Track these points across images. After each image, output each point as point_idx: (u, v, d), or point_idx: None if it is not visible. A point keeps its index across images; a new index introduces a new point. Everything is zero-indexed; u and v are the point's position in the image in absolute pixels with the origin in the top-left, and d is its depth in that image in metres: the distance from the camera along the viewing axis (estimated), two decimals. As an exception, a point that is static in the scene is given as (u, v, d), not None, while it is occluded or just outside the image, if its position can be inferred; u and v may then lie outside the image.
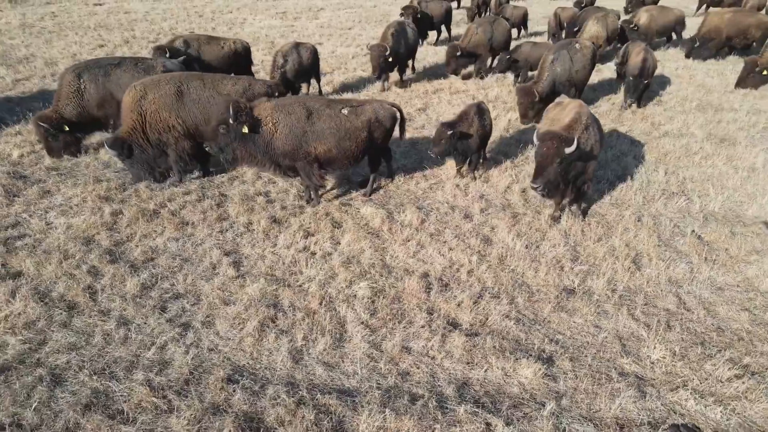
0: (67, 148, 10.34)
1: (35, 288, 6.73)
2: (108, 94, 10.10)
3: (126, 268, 7.15)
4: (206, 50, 13.25)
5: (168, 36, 22.45)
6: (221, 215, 8.51)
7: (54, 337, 5.99)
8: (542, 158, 7.12)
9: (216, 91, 9.32)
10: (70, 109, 9.98)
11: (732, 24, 19.05)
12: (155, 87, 9.03)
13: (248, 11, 30.30)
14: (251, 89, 9.61)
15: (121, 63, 10.36)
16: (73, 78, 9.93)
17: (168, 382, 5.44)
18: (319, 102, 8.36)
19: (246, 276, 7.09)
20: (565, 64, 12.57)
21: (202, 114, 9.21)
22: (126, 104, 8.98)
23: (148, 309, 6.46)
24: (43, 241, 7.74)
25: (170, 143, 9.19)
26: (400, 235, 8.05)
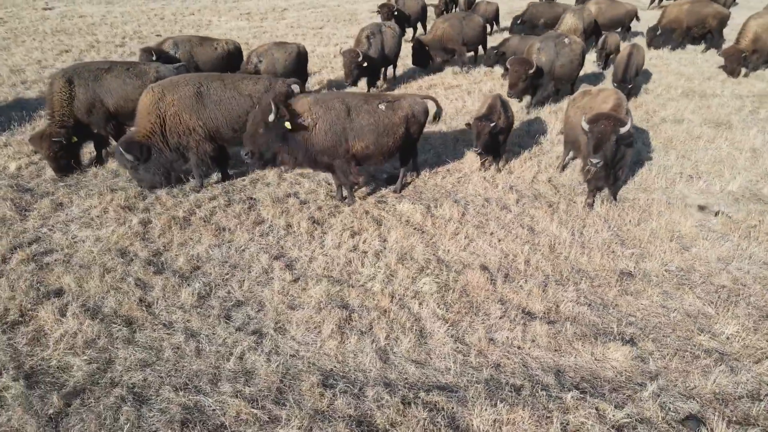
0: (73, 161, 9.67)
1: (83, 305, 6.32)
2: (97, 100, 9.54)
3: (175, 279, 6.81)
4: (199, 52, 12.76)
5: (134, 39, 21.64)
6: (256, 219, 8.23)
7: (120, 355, 5.63)
8: (600, 135, 7.23)
9: (237, 91, 9.01)
10: (66, 119, 9.38)
11: (691, 14, 19.92)
12: (174, 88, 8.66)
13: (210, 13, 29.56)
14: (272, 88, 9.32)
15: (111, 68, 9.80)
16: (65, 84, 9.33)
17: (259, 392, 5.21)
18: (356, 98, 8.22)
19: (303, 279, 6.88)
20: (550, 55, 12.63)
21: (223, 116, 8.88)
22: (143, 106, 8.57)
23: (213, 319, 6.18)
24: (74, 256, 7.29)
25: (191, 147, 8.82)
26: (445, 228, 8.00)
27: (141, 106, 8.61)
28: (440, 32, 16.23)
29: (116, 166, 9.85)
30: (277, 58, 12.82)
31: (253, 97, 9.07)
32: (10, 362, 5.48)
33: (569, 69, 13.04)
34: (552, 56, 12.59)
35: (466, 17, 16.97)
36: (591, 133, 7.33)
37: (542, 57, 12.46)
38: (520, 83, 11.90)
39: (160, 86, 8.66)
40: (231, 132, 9.02)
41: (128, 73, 9.87)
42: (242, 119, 8.97)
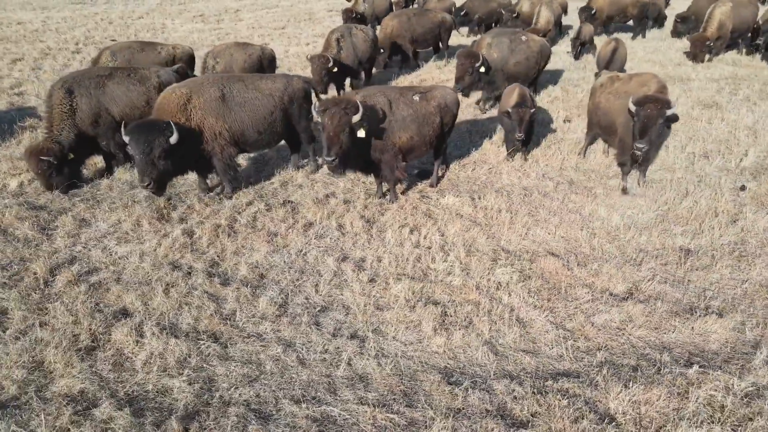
0: (68, 180, 8.79)
1: (158, 323, 5.88)
2: (103, 109, 8.92)
3: (247, 289, 6.46)
4: (141, 59, 11.46)
5: (89, 45, 20.49)
6: (305, 222, 7.94)
7: (220, 372, 5.27)
8: (647, 119, 7.40)
9: (258, 91, 8.66)
10: (67, 133, 8.63)
11: (613, 4, 20.76)
12: (199, 90, 8.23)
13: (160, 16, 28.45)
14: (291, 86, 9.02)
15: (112, 74, 9.20)
16: (65, 95, 8.64)
17: (383, 396, 5.01)
18: (391, 90, 8.14)
19: (380, 278, 6.70)
20: (503, 52, 12.06)
21: (249, 118, 8.51)
22: (166, 108, 8.04)
23: (303, 326, 5.89)
24: (123, 273, 6.79)
25: (216, 152, 8.38)
26: (498, 219, 8.00)
27: (163, 108, 8.07)
28: (389, 30, 16.02)
29: (131, 176, 9.25)
30: (236, 58, 12.25)
31: (274, 96, 8.74)
32: (100, 391, 5.03)
33: (525, 67, 12.34)
34: (505, 53, 12.01)
35: (417, 14, 16.67)
36: (638, 116, 7.50)
37: (494, 53, 11.91)
38: (466, 77, 11.29)
39: (186, 88, 8.20)
40: (256, 135, 8.67)
41: (131, 79, 9.32)
42: (266, 121, 8.62)
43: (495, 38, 12.15)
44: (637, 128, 7.50)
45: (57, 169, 8.52)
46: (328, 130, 7.15)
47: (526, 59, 12.36)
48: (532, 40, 12.55)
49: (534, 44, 12.56)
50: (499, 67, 12.02)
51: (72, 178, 8.87)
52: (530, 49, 12.43)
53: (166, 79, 9.67)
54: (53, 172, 8.51)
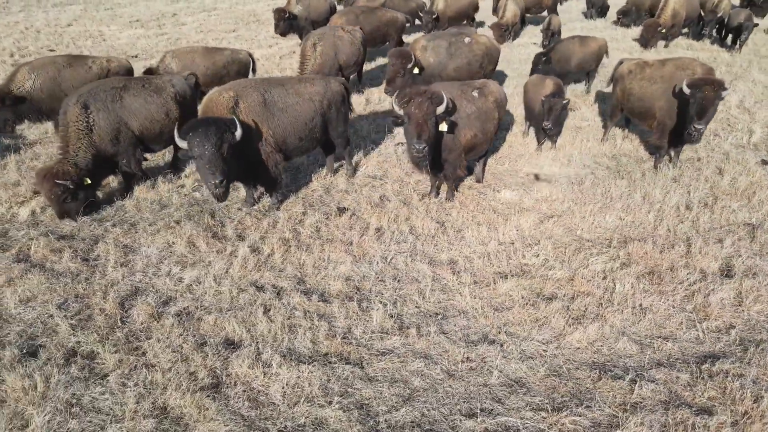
0: (82, 206, 7.86)
1: (276, 350, 5.39)
2: (122, 124, 8.06)
3: (352, 304, 6.07)
4: (69, 75, 9.90)
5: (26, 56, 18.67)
6: (374, 227, 7.58)
7: (368, 394, 4.90)
8: (705, 101, 7.60)
9: (298, 96, 8.15)
10: (84, 153, 7.73)
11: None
12: (245, 94, 7.64)
13: (91, 22, 26.48)
14: (330, 89, 8.56)
15: (127, 85, 8.30)
16: (81, 111, 7.72)
17: (552, 399, 4.83)
18: (452, 86, 7.89)
19: (481, 279, 6.49)
20: (440, 55, 11.01)
21: (291, 123, 7.99)
22: (215, 111, 7.37)
23: (432, 336, 5.59)
24: (204, 300, 6.18)
25: (261, 160, 7.84)
26: (562, 208, 7.99)
27: (211, 110, 7.40)
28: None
29: (155, 194, 8.47)
30: (198, 64, 11.47)
31: (314, 100, 8.26)
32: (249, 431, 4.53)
33: (467, 72, 11.13)
34: (443, 58, 10.98)
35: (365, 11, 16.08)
36: (695, 98, 7.70)
37: (430, 58, 10.92)
38: (397, 79, 10.24)
39: (232, 91, 7.58)
40: (297, 141, 8.16)
41: (147, 90, 8.44)
42: (307, 126, 8.16)
43: (432, 41, 11.01)
44: (695, 110, 7.70)
45: (72, 194, 7.63)
46: (416, 118, 6.85)
47: (468, 64, 11.15)
48: (477, 43, 11.35)
49: (478, 47, 11.33)
50: (436, 72, 10.97)
51: (86, 204, 7.95)
52: (473, 53, 11.23)
53: (181, 88, 8.92)
54: (68, 197, 7.62)
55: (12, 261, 6.83)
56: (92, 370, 5.20)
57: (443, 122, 7.04)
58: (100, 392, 4.90)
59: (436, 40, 11.15)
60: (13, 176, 9.10)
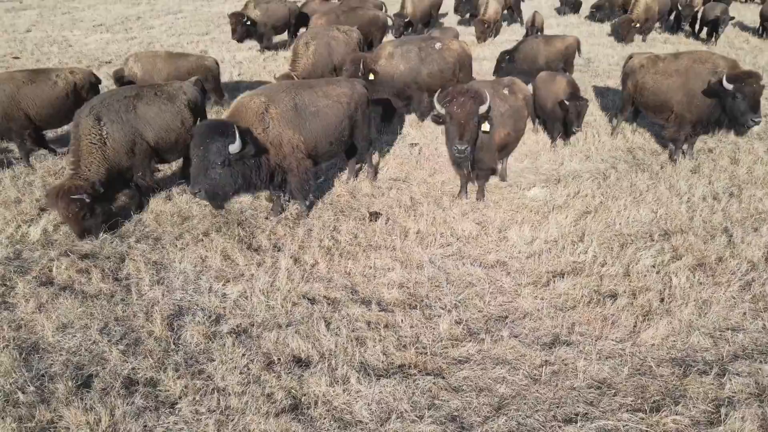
0: (102, 222, 7.39)
1: (349, 364, 5.15)
2: (137, 135, 7.58)
3: (414, 312, 5.89)
4: (29, 93, 8.98)
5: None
6: (414, 232, 7.40)
7: (456, 406, 4.73)
8: (757, 94, 7.66)
9: (327, 98, 7.86)
10: (97, 167, 7.23)
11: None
12: (276, 98, 7.33)
13: (52, 27, 25.31)
14: (356, 91, 8.34)
15: (139, 93, 7.83)
16: (93, 123, 7.24)
17: (645, 400, 4.77)
18: (486, 85, 7.77)
19: (537, 280, 6.41)
20: (411, 62, 10.30)
21: (322, 128, 7.68)
22: (244, 117, 7.00)
23: (505, 341, 5.46)
24: (255, 316, 5.89)
25: (292, 167, 7.43)
26: (593, 202, 7.99)
27: (240, 115, 7.04)
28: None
29: (172, 207, 8.06)
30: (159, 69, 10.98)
31: (342, 102, 8.02)
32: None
33: (439, 79, 10.40)
34: (415, 64, 10.27)
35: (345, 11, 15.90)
36: (742, 92, 7.72)
37: (400, 65, 10.20)
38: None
39: (264, 96, 7.26)
40: (327, 146, 7.90)
41: (160, 98, 7.95)
42: (337, 130, 7.90)
43: (400, 47, 10.27)
44: (748, 104, 7.64)
45: (90, 209, 7.13)
46: (459, 117, 6.73)
47: (440, 71, 10.49)
48: (448, 49, 10.70)
49: (450, 53, 10.68)
50: (409, 80, 10.35)
51: (105, 221, 7.45)
52: (444, 60, 10.55)
53: (192, 94, 8.47)
54: (87, 213, 7.10)
55: (36, 285, 6.36)
56: (157, 398, 4.86)
57: (485, 122, 6.92)
58: (174, 422, 4.58)
59: (405, 46, 10.44)
60: (11, 193, 8.51)
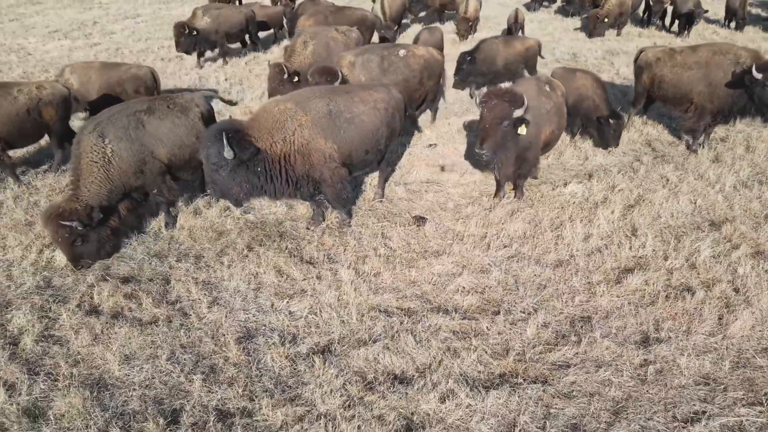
0: (101, 249, 6.76)
1: (450, 377, 4.95)
2: (147, 153, 6.96)
3: (497, 318, 5.74)
4: None
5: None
6: (467, 235, 7.25)
7: (572, 413, 4.63)
8: None
9: (364, 104, 7.37)
10: (96, 188, 6.59)
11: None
12: (308, 104, 6.89)
13: (2, 35, 23.83)
14: (393, 96, 7.84)
15: (151, 107, 7.21)
16: (96, 140, 6.63)
17: (758, 393, 4.79)
18: (530, 83, 7.71)
19: (603, 277, 6.37)
20: (372, 72, 9.53)
21: (358, 136, 7.23)
22: (264, 125, 6.58)
23: (598, 342, 5.38)
24: (331, 333, 5.61)
25: (325, 177, 6.98)
26: (632, 195, 8.04)
27: (260, 123, 6.61)
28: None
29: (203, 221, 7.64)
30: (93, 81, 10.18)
31: (379, 108, 7.51)
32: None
33: (405, 88, 9.42)
34: (376, 73, 9.54)
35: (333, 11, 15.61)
36: None
37: (360, 76, 9.50)
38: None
39: (291, 102, 6.84)
40: (363, 154, 7.44)
41: (173, 112, 7.33)
42: (374, 137, 7.46)
43: (361, 56, 9.65)
44: None
45: (82, 236, 6.41)
46: (485, 122, 6.68)
47: (405, 81, 9.63)
48: (414, 56, 9.92)
49: (415, 60, 9.89)
50: None
51: (105, 246, 6.79)
52: (410, 68, 9.78)
53: (205, 107, 7.81)
54: (78, 240, 6.41)
55: (82, 314, 5.87)
56: (257, 429, 4.52)
57: (522, 125, 6.78)
58: (289, 455, 4.26)
59: (366, 55, 9.72)
60: (19, 215, 7.88)
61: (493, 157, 7.02)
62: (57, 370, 5.15)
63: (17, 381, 4.99)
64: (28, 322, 5.67)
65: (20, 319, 5.70)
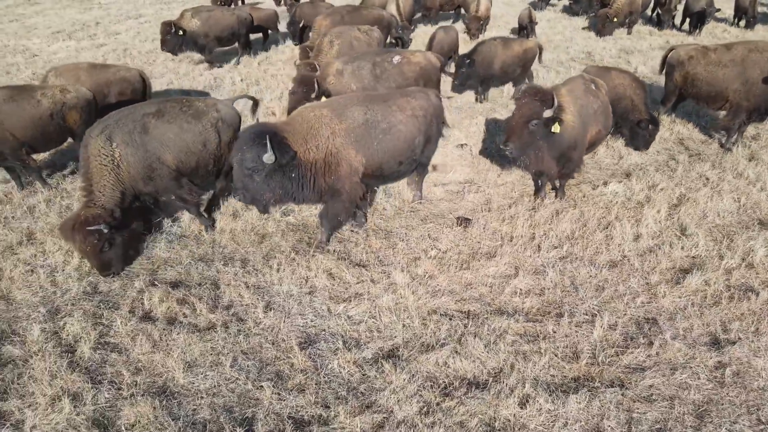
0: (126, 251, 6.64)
1: (524, 382, 4.86)
2: (155, 159, 6.70)
3: (562, 320, 5.66)
4: (10, 112, 7.83)
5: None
6: (516, 236, 7.16)
7: (659, 417, 4.55)
8: None
9: (402, 112, 7.04)
10: (110, 191, 6.44)
11: None
12: (345, 112, 6.61)
13: (5, 36, 23.53)
14: (431, 103, 7.56)
15: (161, 110, 6.93)
16: (104, 143, 6.42)
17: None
18: (577, 82, 7.59)
19: (662, 278, 6.31)
20: (364, 80, 9.17)
21: (393, 147, 6.87)
22: (297, 129, 6.36)
23: (668, 344, 5.31)
24: (394, 337, 5.51)
25: (344, 189, 6.59)
26: (674, 194, 7.99)
27: (293, 127, 6.39)
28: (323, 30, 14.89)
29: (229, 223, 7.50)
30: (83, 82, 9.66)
31: (418, 116, 7.20)
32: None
33: None
34: (368, 82, 9.20)
35: (350, 11, 15.41)
36: None
37: (351, 83, 9.11)
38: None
39: (327, 108, 6.60)
40: (396, 166, 7.06)
41: (185, 115, 7.01)
42: (409, 148, 7.08)
43: (350, 64, 9.23)
44: None
45: (110, 240, 6.25)
46: (512, 120, 6.76)
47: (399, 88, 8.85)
48: (409, 63, 9.52)
49: (410, 67, 9.50)
50: None
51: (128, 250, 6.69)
52: (404, 76, 9.40)
53: (227, 114, 7.40)
54: (106, 245, 6.24)
55: (137, 321, 5.73)
56: (337, 438, 4.41)
57: (555, 123, 6.71)
58: (374, 464, 4.15)
59: (357, 62, 9.26)
60: (53, 219, 7.70)
61: (519, 155, 6.96)
62: (119, 378, 5.02)
63: (80, 390, 4.85)
64: (82, 329, 5.52)
65: (74, 326, 5.55)
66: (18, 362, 5.16)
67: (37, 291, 6.22)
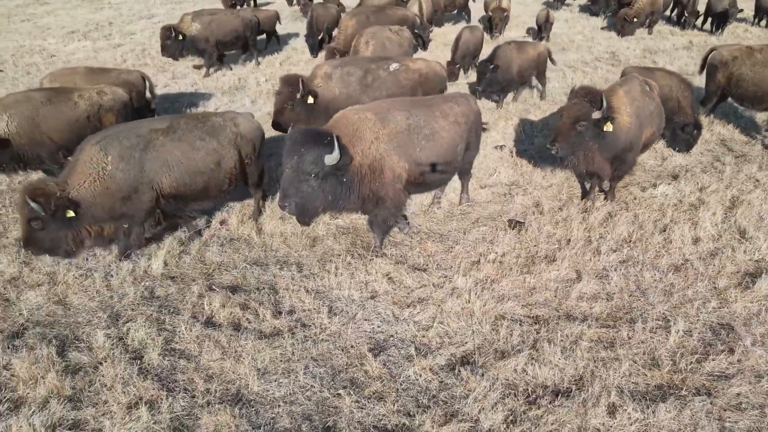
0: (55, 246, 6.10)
1: (607, 390, 4.76)
2: (145, 182, 6.33)
3: (638, 325, 5.56)
4: (48, 115, 7.68)
5: None
6: (574, 240, 7.06)
7: (751, 426, 4.44)
8: None
9: (445, 119, 6.87)
10: (84, 192, 6.04)
11: None
12: (388, 116, 6.41)
13: (19, 37, 23.46)
14: (472, 109, 7.27)
15: (172, 126, 6.61)
16: (97, 152, 6.13)
17: None
18: (633, 83, 7.49)
19: (732, 282, 6.20)
20: (350, 87, 8.64)
21: (435, 154, 6.68)
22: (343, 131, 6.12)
23: (749, 351, 5.21)
24: (466, 344, 5.41)
25: (387, 197, 6.41)
26: (725, 196, 7.91)
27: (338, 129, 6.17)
28: (349, 30, 14.44)
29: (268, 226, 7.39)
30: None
31: (460, 123, 7.01)
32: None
33: None
34: (354, 89, 8.65)
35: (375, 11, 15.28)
36: None
37: (335, 89, 8.56)
38: (286, 111, 8.18)
39: (371, 112, 6.42)
40: (438, 175, 6.85)
41: (198, 131, 6.70)
42: (450, 155, 6.88)
43: (340, 68, 8.74)
44: None
45: (44, 223, 5.80)
46: (560, 120, 6.80)
47: (391, 98, 8.09)
48: (407, 70, 8.92)
49: (408, 75, 8.87)
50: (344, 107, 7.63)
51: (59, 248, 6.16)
52: (399, 84, 8.76)
53: (246, 128, 7.14)
54: (40, 224, 5.80)
55: (201, 326, 5.62)
56: (425, 449, 4.30)
57: (606, 122, 6.62)
58: (469, 476, 4.04)
59: (347, 67, 8.81)
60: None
61: (566, 155, 6.97)
62: (192, 385, 4.92)
63: (155, 398, 4.74)
64: (147, 335, 5.42)
65: (139, 332, 5.44)
66: (88, 369, 5.05)
67: (94, 296, 6.12)
